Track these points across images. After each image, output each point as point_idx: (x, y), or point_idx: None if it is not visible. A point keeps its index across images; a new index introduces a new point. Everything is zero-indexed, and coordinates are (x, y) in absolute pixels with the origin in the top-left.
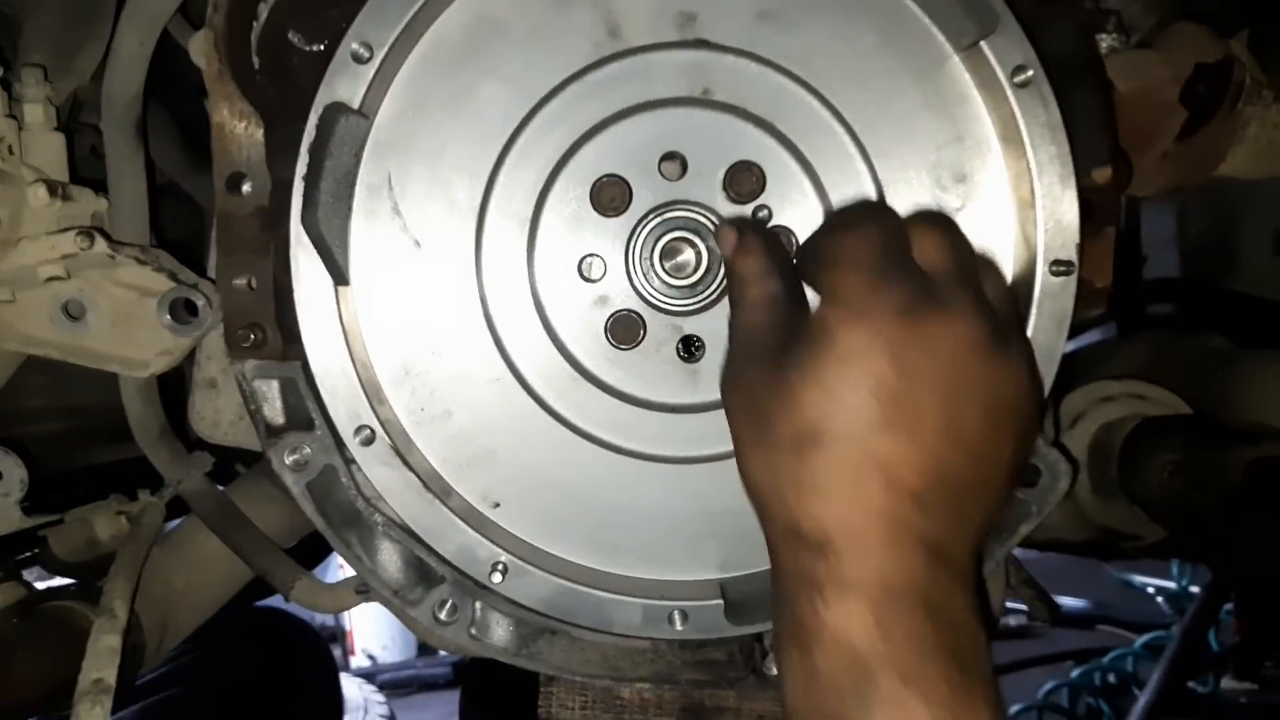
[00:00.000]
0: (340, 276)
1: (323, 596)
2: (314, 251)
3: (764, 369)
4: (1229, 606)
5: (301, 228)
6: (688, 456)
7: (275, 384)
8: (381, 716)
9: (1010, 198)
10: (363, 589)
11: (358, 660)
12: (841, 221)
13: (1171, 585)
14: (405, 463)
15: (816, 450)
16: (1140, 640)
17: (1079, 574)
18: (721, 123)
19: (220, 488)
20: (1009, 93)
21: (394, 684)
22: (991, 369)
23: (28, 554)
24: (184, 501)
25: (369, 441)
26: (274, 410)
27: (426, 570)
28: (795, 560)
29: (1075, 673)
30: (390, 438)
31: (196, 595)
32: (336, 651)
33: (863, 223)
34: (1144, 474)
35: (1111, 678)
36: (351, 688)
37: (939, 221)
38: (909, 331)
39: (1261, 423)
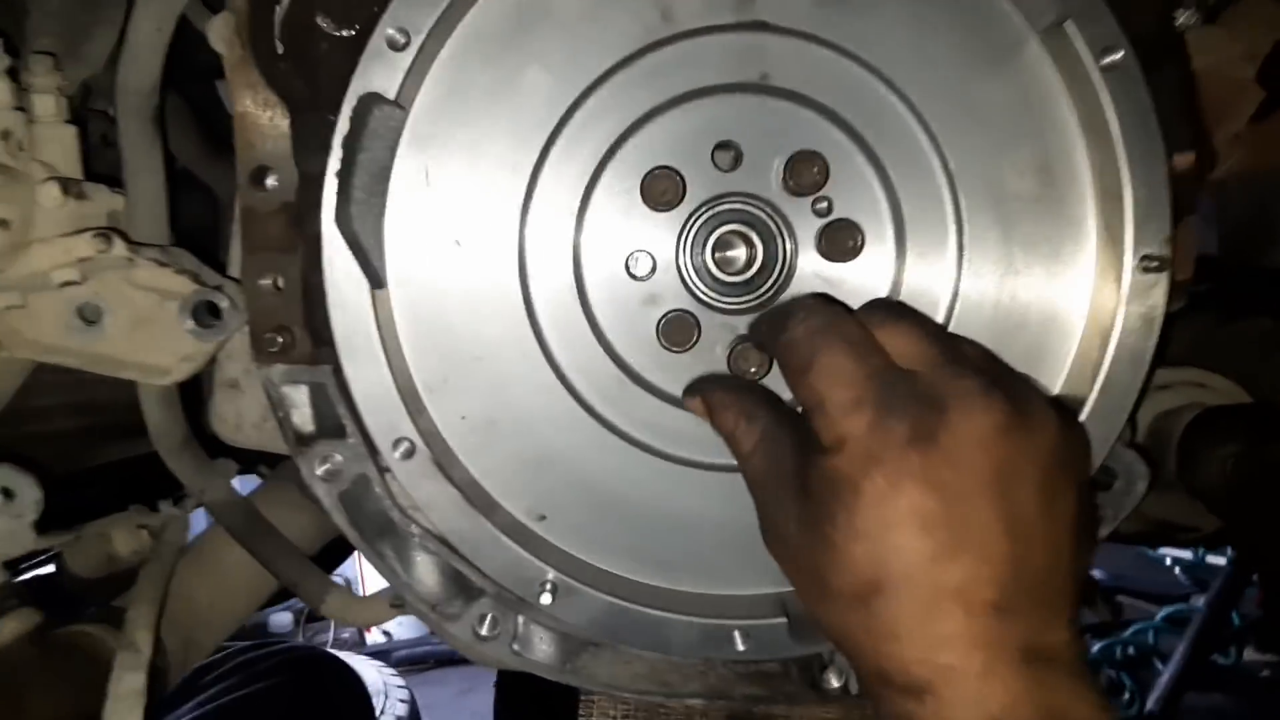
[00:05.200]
0: (375, 278)
1: (356, 610)
2: (347, 252)
3: (797, 525)
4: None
5: (335, 227)
6: None
7: (304, 390)
8: (402, 701)
9: (1092, 189)
10: (398, 602)
11: (373, 637)
12: (800, 339)
13: (1188, 556)
14: (447, 476)
15: (881, 598)
16: (1161, 613)
17: None
18: (780, 110)
19: (245, 492)
20: (1094, 76)
21: (410, 660)
22: (1024, 441)
23: (43, 563)
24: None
25: (410, 454)
26: (303, 417)
27: (465, 582)
28: (893, 706)
29: (1096, 646)
30: (431, 450)
31: (221, 611)
32: (352, 628)
33: (825, 341)
34: (1205, 466)
35: (1132, 650)
36: (370, 671)
37: (896, 311)
38: (930, 456)
39: None
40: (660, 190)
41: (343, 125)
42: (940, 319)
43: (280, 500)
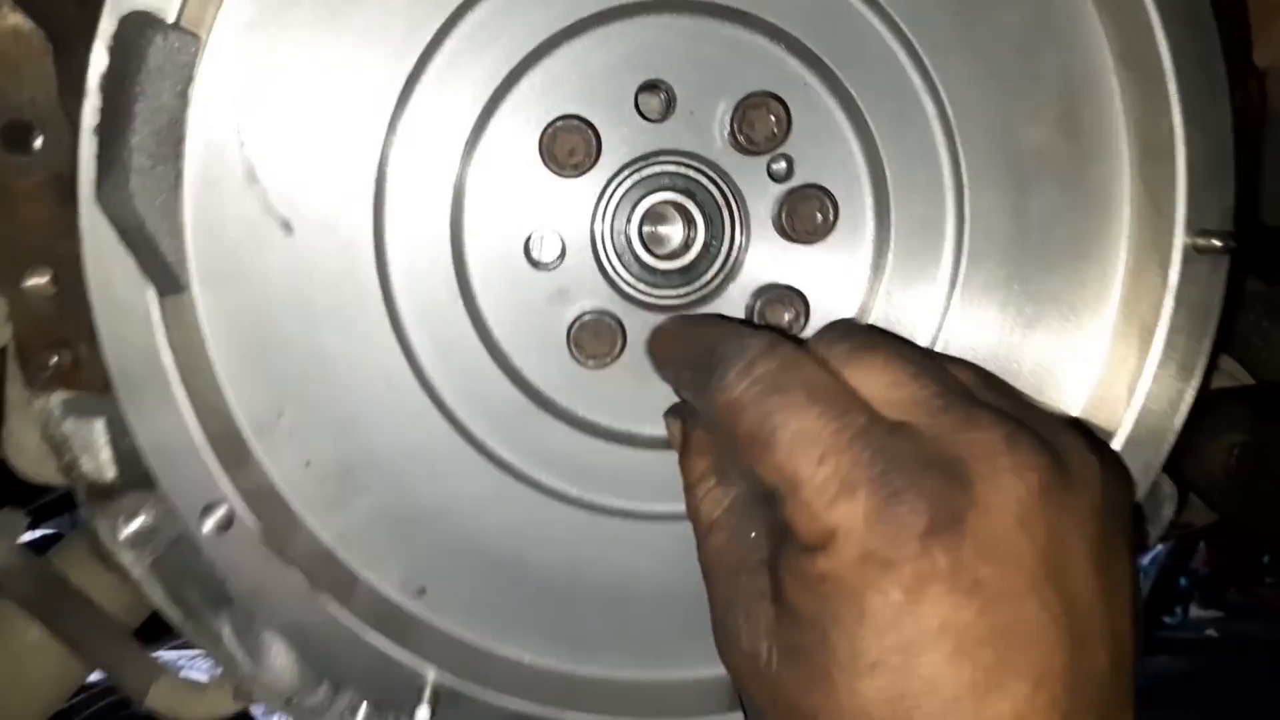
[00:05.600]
0: (169, 280)
1: (190, 703)
2: (122, 244)
3: (772, 644)
4: None
5: (97, 208)
6: None
7: (99, 424)
8: None
9: (1131, 142)
10: (244, 691)
11: None
12: (746, 398)
13: None
14: (280, 553)
15: None
16: None
17: None
18: (726, 37)
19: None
20: None
21: None
22: (1069, 502)
23: None
24: None
25: (226, 525)
26: (99, 462)
27: None
28: None
29: None
30: (259, 515)
31: (16, 707)
32: None
33: (784, 398)
34: (1204, 457)
35: None
36: None
37: (863, 340)
38: (959, 549)
39: None
40: (567, 148)
41: (99, 60)
42: (935, 320)
43: (90, 556)
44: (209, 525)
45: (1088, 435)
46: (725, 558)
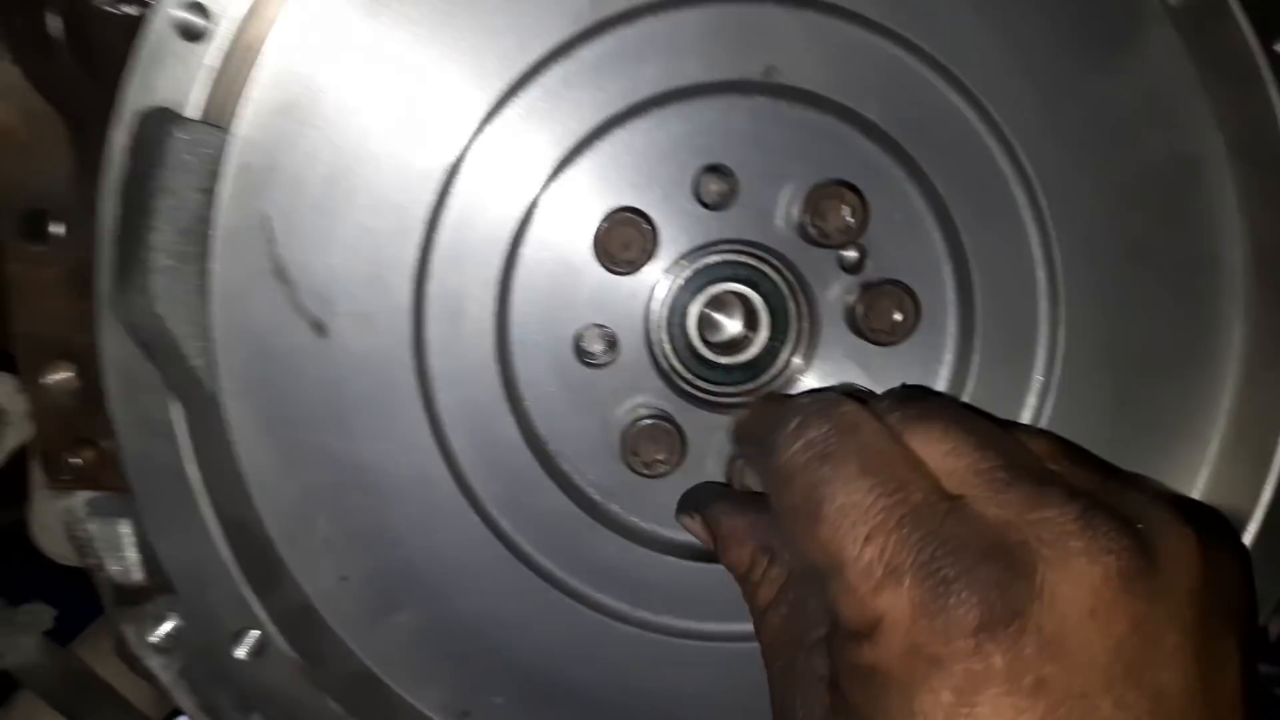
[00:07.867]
0: (190, 388)
1: None
2: (142, 353)
3: None
4: None
5: (112, 315)
6: None
7: (127, 526)
8: None
9: (1243, 237)
10: None
11: None
12: (795, 464)
13: None
14: (319, 684)
15: None
16: None
17: None
18: (792, 119)
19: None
20: (1262, 62)
21: None
22: (1157, 590)
23: None
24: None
25: (260, 650)
26: (125, 565)
27: None
28: None
29: None
30: (293, 640)
31: None
32: None
33: (834, 467)
34: None
35: None
36: None
37: (927, 407)
38: (1019, 648)
39: None
40: (621, 242)
41: (115, 157)
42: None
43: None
44: (241, 651)
45: (1188, 506)
46: (782, 635)
